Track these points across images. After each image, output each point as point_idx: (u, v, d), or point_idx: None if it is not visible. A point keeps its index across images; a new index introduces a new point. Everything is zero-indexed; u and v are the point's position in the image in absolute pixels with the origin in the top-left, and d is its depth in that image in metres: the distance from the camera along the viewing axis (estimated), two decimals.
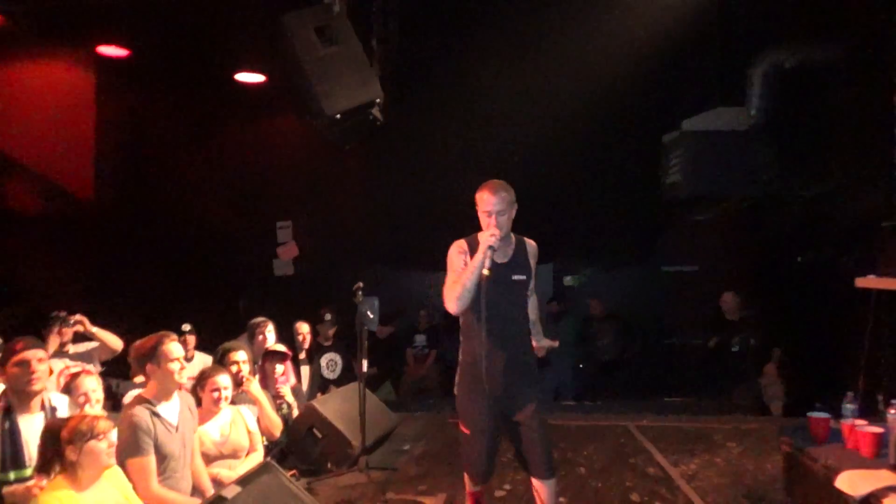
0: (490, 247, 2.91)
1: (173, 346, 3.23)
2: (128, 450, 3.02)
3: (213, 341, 4.59)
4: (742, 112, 7.18)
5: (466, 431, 3.06)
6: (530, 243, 3.15)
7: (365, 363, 4.18)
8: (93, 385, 3.54)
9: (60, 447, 2.53)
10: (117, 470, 2.76)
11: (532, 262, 3.10)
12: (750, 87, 7.02)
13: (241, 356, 4.16)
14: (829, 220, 6.78)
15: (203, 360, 5.07)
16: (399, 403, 6.29)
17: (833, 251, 6.84)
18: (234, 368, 4.06)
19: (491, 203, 3.01)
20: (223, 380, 3.72)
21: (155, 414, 3.16)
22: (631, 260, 8.51)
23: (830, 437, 3.08)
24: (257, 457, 3.80)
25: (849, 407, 3.13)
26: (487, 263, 2.88)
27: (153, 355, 3.21)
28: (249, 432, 3.83)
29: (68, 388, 3.50)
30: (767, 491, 3.71)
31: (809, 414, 3.15)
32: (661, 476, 4.07)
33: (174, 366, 3.19)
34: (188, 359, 4.80)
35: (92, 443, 2.53)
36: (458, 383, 3.12)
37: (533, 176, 7.05)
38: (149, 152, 8.31)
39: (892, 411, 2.96)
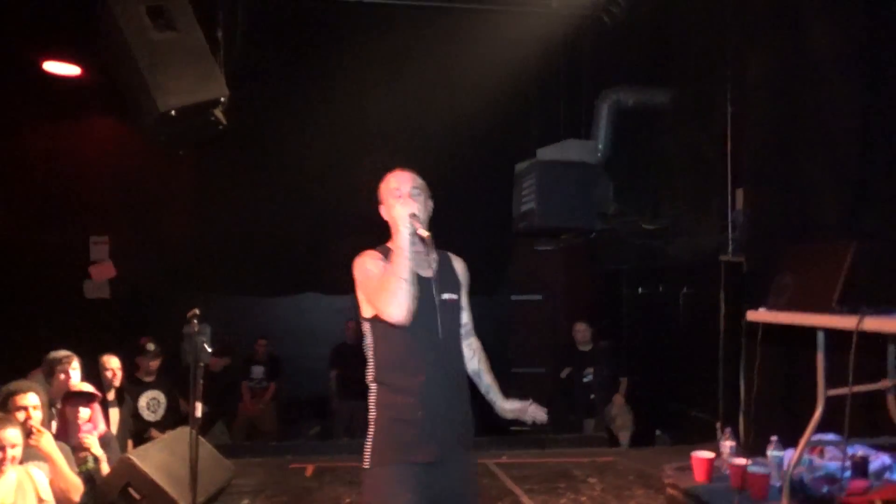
0: (413, 214, 2.19)
1: None
2: None
3: (4, 379, 3.65)
4: (590, 145, 7.38)
5: None
6: (456, 259, 2.44)
7: (199, 406, 3.49)
8: None
9: None
10: None
11: (462, 280, 2.39)
12: (597, 122, 7.24)
13: (31, 400, 3.30)
14: (665, 254, 7.10)
15: None
16: (233, 447, 5.54)
17: (672, 284, 7.16)
18: (20, 416, 3.21)
19: (404, 179, 2.30)
20: (11, 435, 2.89)
21: None
22: (481, 288, 8.42)
23: (712, 477, 2.97)
24: None
25: (728, 444, 3.03)
26: (421, 231, 2.19)
27: None
28: (40, 500, 3.01)
29: None
30: None
31: (693, 453, 3.01)
32: None
33: None
34: None
35: None
36: (372, 452, 2.21)
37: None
38: None
39: (772, 448, 2.90)
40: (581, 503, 4.12)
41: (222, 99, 4.29)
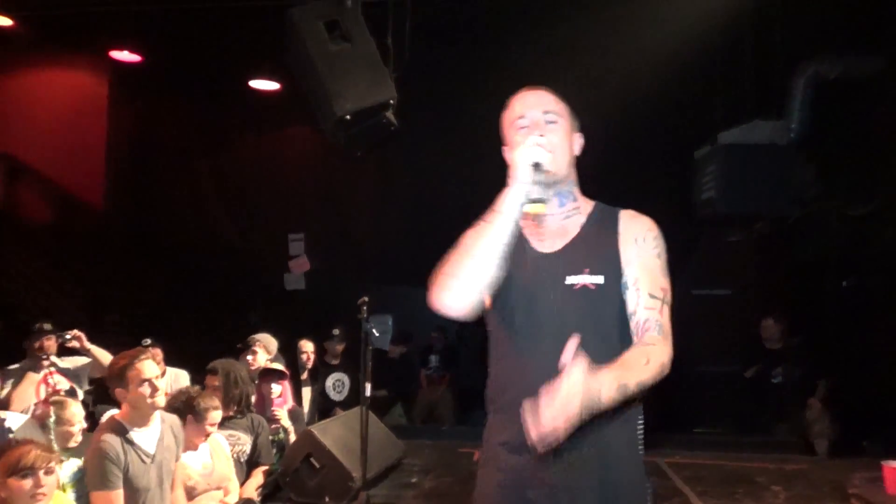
0: (535, 164, 1.51)
1: (145, 366, 2.85)
2: (93, 481, 2.68)
3: (223, 356, 4.21)
4: (781, 125, 6.77)
5: None
6: (630, 218, 1.68)
7: (369, 386, 3.76)
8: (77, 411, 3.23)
9: None
10: (64, 499, 2.40)
11: (625, 249, 1.62)
12: (791, 98, 6.62)
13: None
14: (876, 241, 6.31)
15: (174, 374, 4.70)
16: (409, 429, 5.85)
17: (882, 275, 6.35)
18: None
19: (532, 103, 1.68)
20: (217, 415, 3.34)
21: (128, 441, 2.78)
22: None
23: None
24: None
25: None
26: (532, 194, 1.52)
27: (121, 378, 2.83)
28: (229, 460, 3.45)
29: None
30: None
31: (885, 462, 2.67)
32: None
33: (145, 389, 2.81)
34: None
35: (13, 480, 2.18)
36: (479, 464, 1.68)
37: None
38: (159, 161, 8.08)
39: None
40: None
41: (391, 101, 4.55)
